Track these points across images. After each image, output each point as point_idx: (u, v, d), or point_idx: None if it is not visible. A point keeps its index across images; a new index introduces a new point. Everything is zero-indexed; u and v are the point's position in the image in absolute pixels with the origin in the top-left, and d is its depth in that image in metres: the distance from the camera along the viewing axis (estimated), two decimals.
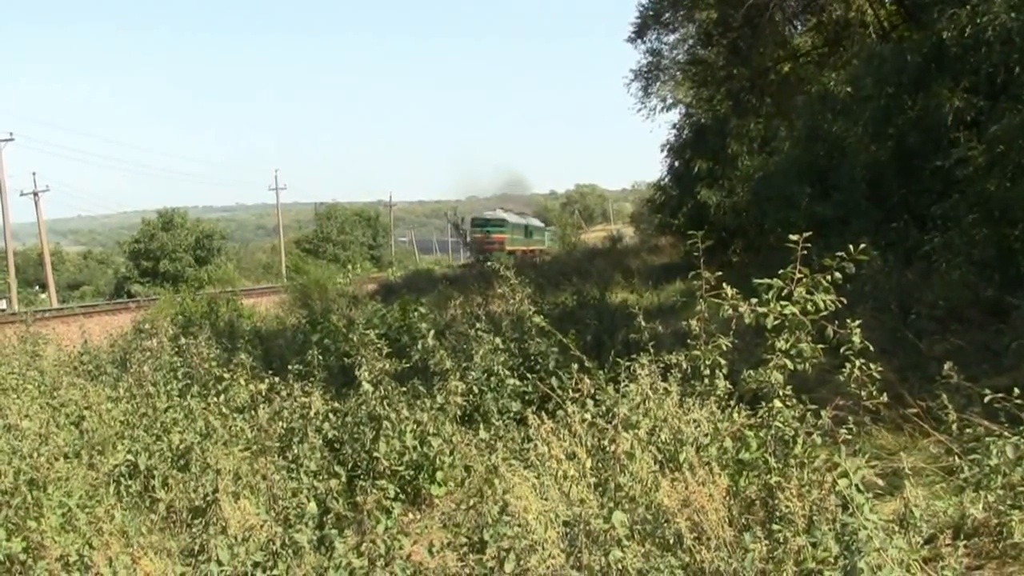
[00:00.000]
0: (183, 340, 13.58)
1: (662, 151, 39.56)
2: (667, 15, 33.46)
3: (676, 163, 38.32)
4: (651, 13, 33.71)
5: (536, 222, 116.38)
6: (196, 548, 7.33)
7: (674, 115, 38.39)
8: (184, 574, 6.92)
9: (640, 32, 34.44)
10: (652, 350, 8.61)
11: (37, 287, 76.24)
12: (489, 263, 59.66)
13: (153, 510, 8.81)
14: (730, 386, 7.77)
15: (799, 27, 32.89)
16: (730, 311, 7.45)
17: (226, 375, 11.42)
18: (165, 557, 7.47)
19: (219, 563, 6.66)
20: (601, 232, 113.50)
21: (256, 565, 6.65)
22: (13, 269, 61.63)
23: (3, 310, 41.19)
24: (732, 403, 7.61)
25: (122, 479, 9.25)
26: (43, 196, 70.50)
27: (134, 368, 12.55)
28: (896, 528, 5.88)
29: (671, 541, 6.14)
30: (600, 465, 7.19)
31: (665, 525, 6.26)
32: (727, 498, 6.49)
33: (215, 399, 10.70)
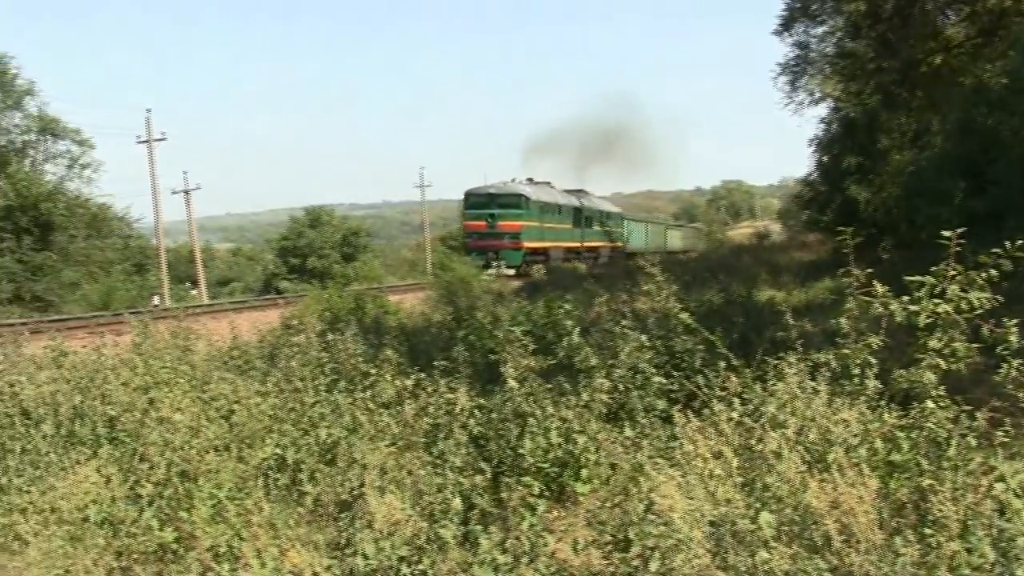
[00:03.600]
0: (330, 336, 13.67)
1: (810, 146, 39.21)
2: (815, 7, 33.07)
3: (824, 158, 37.91)
4: (798, 5, 33.35)
5: (603, 205, 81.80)
6: (342, 542, 7.40)
7: (822, 109, 38.00)
8: (330, 567, 6.99)
9: (787, 25, 34.09)
10: (800, 348, 8.48)
11: (188, 283, 77.91)
12: (493, 269, 48.40)
13: (300, 503, 8.91)
14: (881, 386, 7.62)
15: (951, 17, 32.27)
16: (881, 309, 7.32)
17: (372, 371, 11.48)
18: (312, 550, 7.56)
19: (365, 557, 6.72)
20: (748, 229, 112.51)
21: (401, 560, 6.69)
22: (165, 266, 63.06)
23: (156, 306, 42.04)
24: (883, 403, 7.47)
25: (270, 472, 9.38)
26: (194, 194, 72.29)
27: (282, 363, 12.69)
28: None
29: (819, 543, 6.05)
30: (747, 465, 7.11)
31: (813, 527, 6.17)
32: (877, 500, 6.38)
33: (362, 394, 10.76)
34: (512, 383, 9.60)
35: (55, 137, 60.15)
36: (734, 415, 7.72)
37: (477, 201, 61.09)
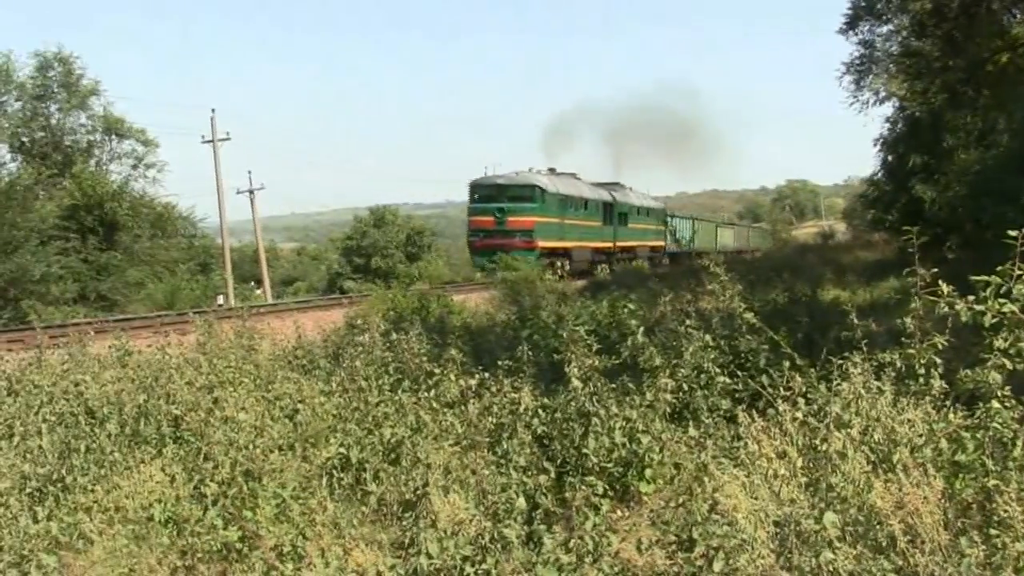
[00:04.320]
0: (394, 335, 13.71)
1: (875, 146, 39.00)
2: (880, 5, 32.69)
3: (889, 158, 37.74)
4: (863, 4, 33.00)
5: (641, 200, 71.32)
6: (406, 541, 7.44)
7: (887, 108, 37.60)
8: (394, 566, 7.03)
9: (852, 23, 33.71)
10: (865, 348, 8.45)
11: (252, 283, 78.39)
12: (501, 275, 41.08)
13: (364, 503, 8.96)
14: (946, 386, 7.58)
15: (1018, 15, 31.84)
16: (946, 309, 7.27)
17: (437, 370, 11.51)
18: (376, 549, 7.63)
19: (429, 556, 6.75)
20: (812, 228, 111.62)
21: (465, 559, 6.72)
22: (229, 265, 63.33)
23: (220, 305, 42.12)
24: (948, 403, 7.43)
25: (334, 472, 9.43)
26: (258, 194, 72.45)
27: (346, 363, 12.73)
28: None
29: (884, 543, 6.04)
30: (811, 464, 7.10)
31: (878, 527, 6.16)
32: (942, 501, 6.35)
33: (426, 394, 10.80)
34: (576, 383, 9.62)
35: (120, 137, 61.00)
36: (798, 415, 7.70)
37: (484, 193, 52.17)
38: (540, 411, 9.92)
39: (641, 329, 10.81)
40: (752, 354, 11.23)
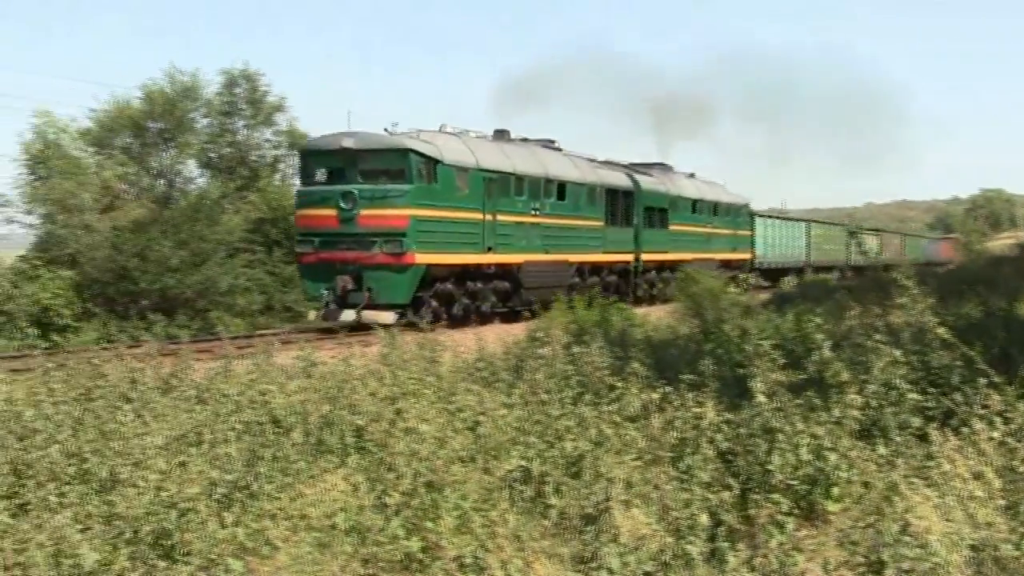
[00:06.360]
0: (576, 348, 13.70)
1: None
2: None
3: None
4: None
5: (702, 191, 50.36)
6: (587, 555, 7.39)
7: None
8: None
9: None
10: None
11: None
12: (349, 315, 28.84)
13: (545, 516, 8.91)
14: None
15: None
16: None
17: (618, 384, 11.43)
18: (557, 563, 7.56)
19: (610, 571, 6.70)
20: (1008, 239, 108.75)
21: (647, 574, 6.64)
22: None
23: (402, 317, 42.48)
24: None
25: (515, 484, 9.41)
26: None
27: (528, 376, 12.75)
28: None
29: None
30: (1010, 487, 6.84)
31: None
32: None
33: (607, 407, 10.74)
34: (761, 398, 9.46)
35: None
36: (995, 434, 7.45)
37: (324, 166, 29.43)
38: (723, 426, 9.77)
39: (827, 343, 10.57)
40: (945, 370, 10.90)
